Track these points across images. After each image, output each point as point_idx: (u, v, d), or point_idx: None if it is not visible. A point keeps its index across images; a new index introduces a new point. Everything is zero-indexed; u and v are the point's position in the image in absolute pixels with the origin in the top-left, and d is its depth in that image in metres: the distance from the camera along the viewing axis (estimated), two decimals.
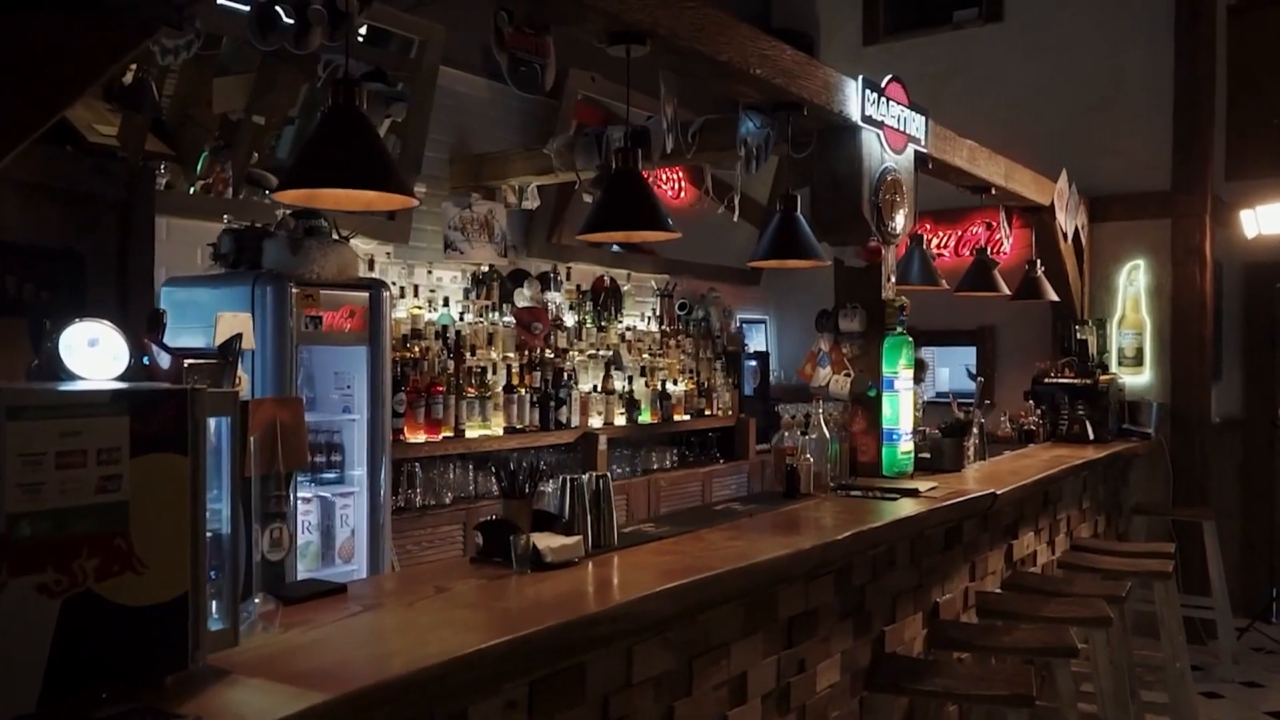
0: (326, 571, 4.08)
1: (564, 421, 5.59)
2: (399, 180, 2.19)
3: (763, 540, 2.97)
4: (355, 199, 2.33)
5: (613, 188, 3.03)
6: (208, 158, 5.29)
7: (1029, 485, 4.49)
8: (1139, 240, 6.87)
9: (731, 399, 6.98)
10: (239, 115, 5.36)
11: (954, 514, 3.85)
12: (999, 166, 5.48)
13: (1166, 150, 6.73)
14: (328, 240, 3.94)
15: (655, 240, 3.22)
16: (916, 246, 5.28)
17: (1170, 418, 6.71)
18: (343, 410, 4.19)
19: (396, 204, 2.39)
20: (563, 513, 2.72)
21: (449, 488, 4.96)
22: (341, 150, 2.13)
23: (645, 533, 3.00)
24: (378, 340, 4.06)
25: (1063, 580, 4.44)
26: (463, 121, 5.81)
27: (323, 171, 2.12)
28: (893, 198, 4.27)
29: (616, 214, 2.94)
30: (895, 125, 4.30)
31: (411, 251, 5.49)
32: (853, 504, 3.70)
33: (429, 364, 4.96)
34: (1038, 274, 6.27)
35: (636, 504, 5.90)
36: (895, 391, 4.25)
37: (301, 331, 3.79)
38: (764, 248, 3.78)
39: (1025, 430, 6.09)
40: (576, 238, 3.20)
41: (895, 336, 4.26)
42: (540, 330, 5.68)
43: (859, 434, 4.29)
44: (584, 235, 3.04)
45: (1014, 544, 4.78)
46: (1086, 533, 5.89)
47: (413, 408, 4.77)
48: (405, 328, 5.07)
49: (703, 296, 7.46)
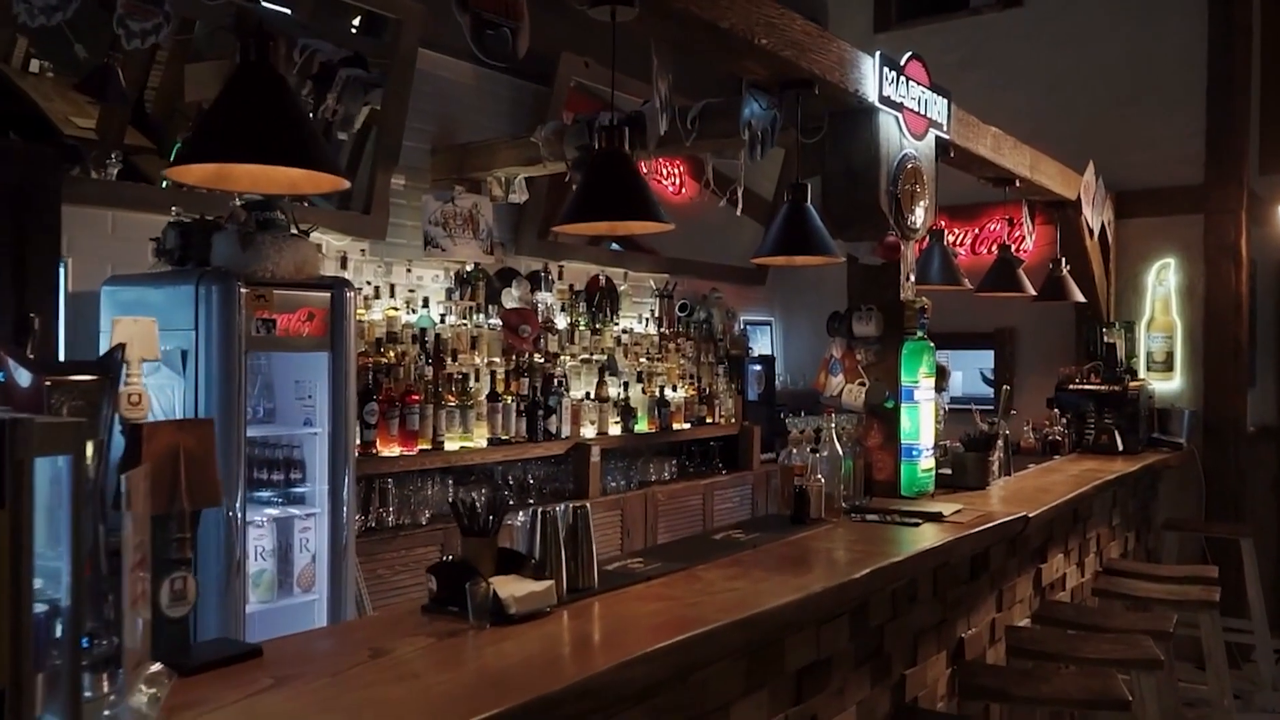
0: (283, 603, 3.68)
1: (554, 432, 5.18)
2: (324, 155, 1.78)
3: (768, 581, 2.56)
4: (275, 179, 1.93)
5: (596, 171, 2.62)
6: (181, 149, 4.94)
7: (1061, 506, 4.08)
8: (1169, 237, 6.45)
9: (735, 406, 6.57)
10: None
11: (983, 541, 3.44)
12: (1024, 157, 5.07)
13: (1199, 142, 6.31)
14: (283, 234, 3.54)
15: (645, 232, 2.81)
16: (937, 243, 4.87)
17: (1202, 426, 6.29)
18: (304, 423, 3.79)
19: (325, 186, 1.98)
20: (532, 551, 2.31)
21: (426, 505, 4.56)
22: (252, 118, 1.73)
23: (631, 571, 2.60)
24: (341, 345, 3.66)
25: (1099, 611, 4.03)
26: (446, 109, 5.40)
27: (226, 143, 1.71)
28: (912, 188, 3.86)
29: (600, 201, 2.53)
30: (915, 108, 3.89)
31: (389, 249, 5.09)
32: (869, 531, 3.29)
33: (405, 370, 4.56)
34: (1063, 273, 5.86)
35: (632, 520, 5.50)
36: (915, 403, 3.84)
37: (252, 336, 3.39)
38: (770, 243, 3.37)
39: (1050, 441, 5.67)
40: (554, 230, 2.78)
41: (915, 341, 3.85)
42: (529, 333, 5.28)
43: (875, 449, 3.88)
44: (563, 226, 2.63)
45: (1043, 568, 4.37)
46: (1116, 551, 5.48)
47: (386, 418, 4.37)
48: (380, 331, 4.67)
49: (704, 297, 7.06)
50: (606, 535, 5.33)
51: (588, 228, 2.76)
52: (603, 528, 5.29)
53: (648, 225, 2.66)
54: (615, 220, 2.62)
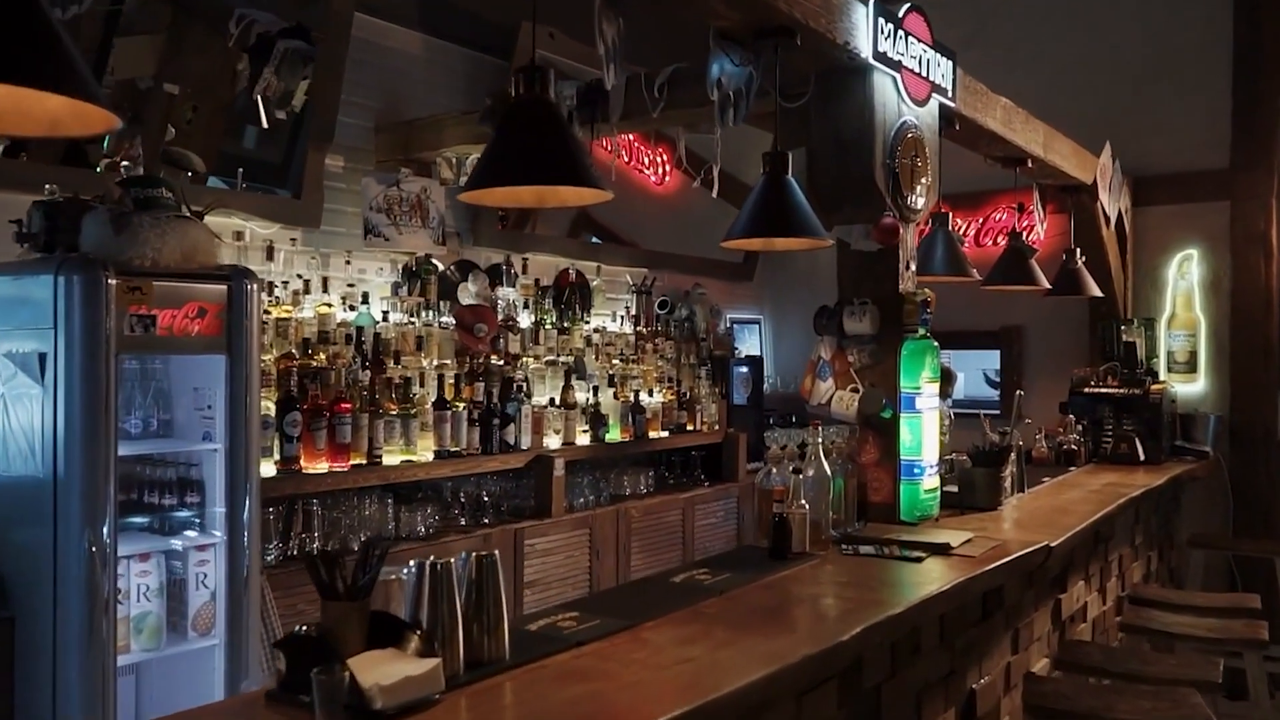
0: (175, 650, 3.13)
1: (511, 442, 4.62)
2: (73, 72, 1.23)
3: (733, 646, 2.01)
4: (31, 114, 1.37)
5: (511, 124, 2.07)
6: (113, 133, 4.41)
7: (1085, 530, 3.54)
8: (1192, 226, 5.90)
9: (718, 411, 6.02)
10: (147, 83, 4.49)
11: (998, 579, 2.89)
12: (1037, 133, 4.52)
13: (1224, 124, 5.76)
14: (167, 216, 2.98)
15: (581, 203, 2.26)
16: (941, 227, 4.31)
17: (1229, 433, 5.75)
18: (203, 437, 3.23)
19: (98, 123, 1.43)
20: (419, 617, 1.76)
21: (362, 527, 4.01)
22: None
23: (559, 632, 2.04)
24: (240, 346, 3.11)
25: (1130, 654, 3.48)
26: (392, 83, 4.85)
27: None
28: (913, 162, 3.31)
29: (516, 161, 1.97)
30: (916, 69, 3.34)
31: (325, 238, 4.53)
32: (863, 568, 2.74)
33: (336, 375, 4.00)
34: (1078, 265, 5.31)
35: (602, 539, 4.94)
36: (916, 412, 3.29)
37: (125, 336, 2.84)
38: (744, 222, 2.81)
39: (1065, 450, 5.12)
40: (459, 199, 2.21)
41: (916, 340, 3.30)
42: (485, 333, 4.72)
43: (870, 466, 3.33)
44: (468, 195, 2.08)
45: (1062, 598, 3.83)
46: (1139, 573, 4.93)
47: (311, 430, 3.81)
48: (310, 330, 4.12)
49: (686, 293, 6.50)
50: (572, 557, 4.78)
51: (506, 195, 2.20)
52: (568, 549, 4.75)
53: (581, 193, 2.11)
54: (535, 184, 2.06)
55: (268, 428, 3.68)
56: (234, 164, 4.41)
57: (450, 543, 4.20)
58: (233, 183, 4.32)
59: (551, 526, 4.67)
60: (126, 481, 3.20)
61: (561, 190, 2.13)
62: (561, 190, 2.13)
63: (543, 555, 4.62)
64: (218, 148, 4.50)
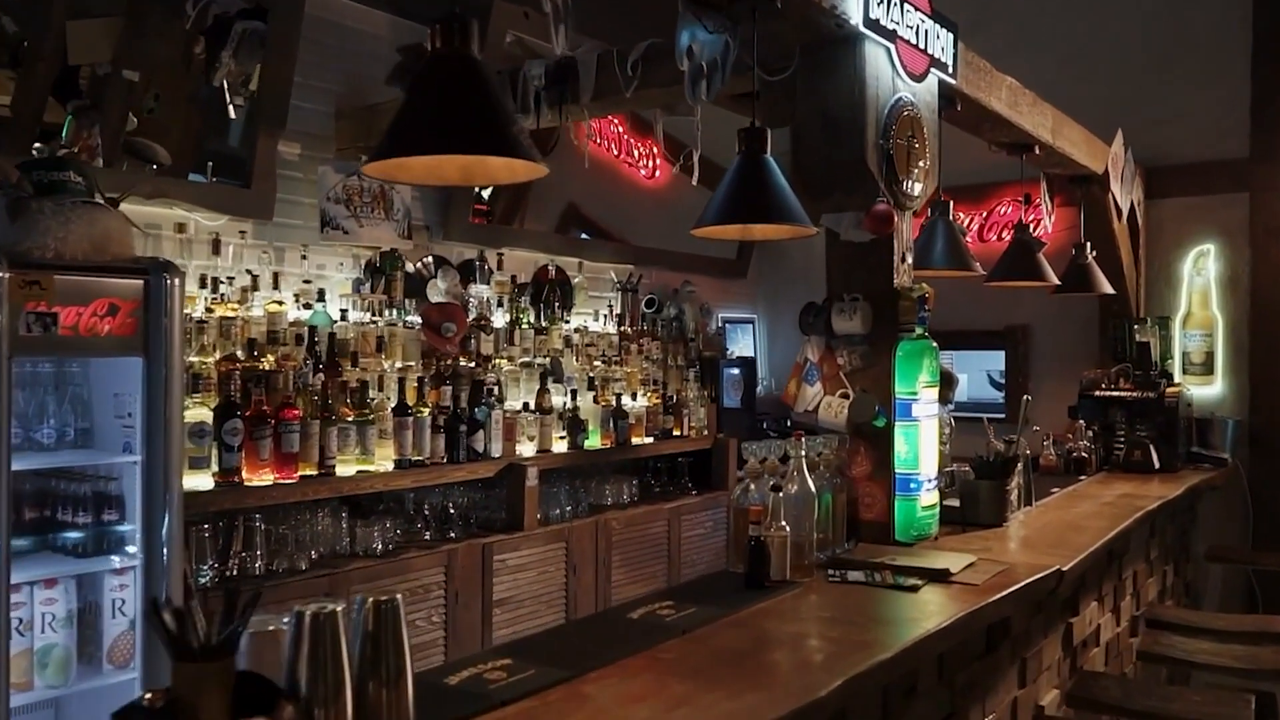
0: (88, 685, 2.81)
1: (480, 450, 4.31)
2: None
3: (687, 705, 1.69)
4: None
5: (423, 87, 1.73)
6: (72, 122, 4.12)
7: (1099, 550, 3.21)
8: (1208, 220, 5.58)
9: (707, 416, 5.70)
10: (105, 69, 4.22)
11: (1003, 610, 2.57)
12: (1045, 117, 4.19)
13: (1242, 111, 5.45)
14: (73, 203, 2.67)
15: (514, 179, 1.92)
16: (940, 217, 3.97)
17: (1248, 438, 5.42)
18: (123, 448, 2.92)
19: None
20: (296, 678, 1.44)
21: (314, 544, 3.70)
22: None
23: (484, 687, 1.72)
24: (159, 347, 2.79)
25: (1148, 688, 3.16)
26: (354, 66, 4.52)
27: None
28: (909, 143, 2.99)
29: (428, 130, 1.64)
30: (913, 40, 3.02)
31: (279, 231, 4.22)
32: (851, 599, 2.42)
33: (284, 379, 3.69)
34: (1088, 260, 4.98)
35: (580, 553, 4.62)
36: (913, 420, 2.96)
37: (21, 336, 2.52)
38: (716, 207, 2.48)
39: (1074, 458, 4.80)
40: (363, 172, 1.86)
41: (913, 340, 2.98)
42: (453, 332, 4.41)
43: (861, 481, 3.01)
44: (374, 169, 1.75)
45: (1074, 622, 3.50)
46: (1154, 590, 4.61)
47: (254, 439, 3.50)
48: (258, 330, 3.81)
49: (675, 291, 6.19)
50: (547, 573, 4.46)
51: (427, 170, 1.85)
52: (542, 564, 4.43)
53: (513, 167, 1.77)
54: (449, 154, 1.72)
55: (204, 436, 3.38)
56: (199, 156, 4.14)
57: (410, 559, 3.89)
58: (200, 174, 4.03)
59: (524, 540, 4.35)
60: (37, 498, 2.90)
61: (490, 163, 1.81)
62: (490, 163, 1.81)
63: (514, 571, 4.30)
64: (194, 140, 4.22)
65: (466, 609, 4.07)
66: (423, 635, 3.89)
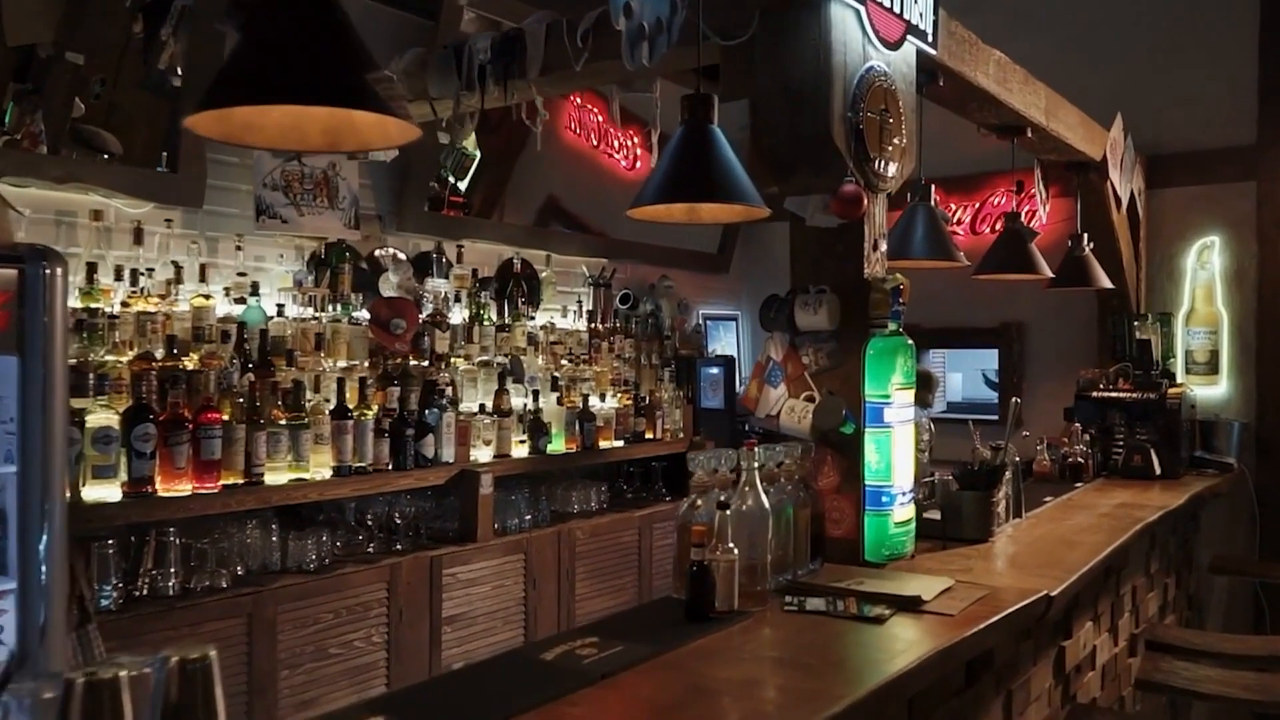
0: None
1: (430, 456, 4.00)
2: None
3: None
4: None
5: (262, 27, 1.41)
6: (14, 108, 3.85)
7: (1094, 569, 2.90)
8: (1213, 211, 5.27)
9: (683, 417, 5.39)
10: (48, 51, 3.95)
11: (983, 643, 2.26)
12: (1038, 96, 3.88)
13: (1250, 97, 5.14)
14: None
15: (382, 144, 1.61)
16: (920, 202, 3.66)
17: (1255, 442, 5.11)
18: (4, 458, 2.61)
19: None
20: None
21: (238, 560, 3.39)
22: None
23: None
24: (38, 346, 2.48)
25: None
26: None
27: None
28: (881, 117, 2.68)
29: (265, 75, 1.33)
30: (886, 3, 2.71)
31: (211, 220, 3.91)
32: (806, 634, 2.11)
33: (205, 380, 3.38)
34: (1085, 252, 4.68)
35: (541, 566, 4.32)
36: (885, 426, 2.65)
37: None
38: (655, 184, 2.17)
39: (1070, 463, 4.49)
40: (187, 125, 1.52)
41: (885, 337, 2.67)
42: (403, 330, 4.10)
43: (828, 493, 2.70)
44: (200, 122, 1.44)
45: (1066, 646, 3.19)
46: (1155, 605, 4.29)
47: (170, 445, 3.20)
48: (180, 326, 3.50)
49: (652, 286, 5.90)
50: (503, 587, 4.16)
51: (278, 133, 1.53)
52: (498, 578, 4.13)
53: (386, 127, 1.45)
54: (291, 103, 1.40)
55: (110, 443, 3.08)
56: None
57: (348, 574, 3.59)
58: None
59: (477, 552, 4.04)
60: None
61: (358, 123, 1.50)
62: (358, 123, 1.50)
63: (466, 586, 4.00)
64: (154, 128, 3.94)
65: (411, 627, 3.76)
66: (361, 657, 3.59)
